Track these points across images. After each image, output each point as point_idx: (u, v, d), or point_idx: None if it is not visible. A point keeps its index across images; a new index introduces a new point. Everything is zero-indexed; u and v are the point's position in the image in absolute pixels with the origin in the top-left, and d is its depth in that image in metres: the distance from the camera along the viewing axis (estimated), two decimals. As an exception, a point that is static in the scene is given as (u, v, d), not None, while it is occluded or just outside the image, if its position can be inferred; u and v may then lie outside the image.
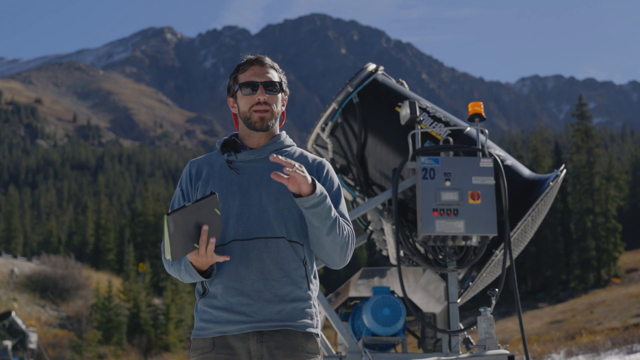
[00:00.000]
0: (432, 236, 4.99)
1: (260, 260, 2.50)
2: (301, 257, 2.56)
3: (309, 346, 2.53)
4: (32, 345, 20.58)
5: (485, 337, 4.61)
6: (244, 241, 2.52)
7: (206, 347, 2.53)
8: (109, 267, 58.44)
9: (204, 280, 2.54)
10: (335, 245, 2.52)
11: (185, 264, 2.49)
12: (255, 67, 2.65)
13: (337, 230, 2.49)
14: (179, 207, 2.30)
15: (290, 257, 2.53)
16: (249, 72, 2.65)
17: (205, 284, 2.57)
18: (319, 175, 2.63)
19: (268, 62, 2.67)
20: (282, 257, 2.52)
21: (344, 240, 2.53)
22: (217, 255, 2.41)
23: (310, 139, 5.90)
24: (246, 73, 2.65)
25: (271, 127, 2.64)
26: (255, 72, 2.64)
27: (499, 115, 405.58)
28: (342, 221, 2.54)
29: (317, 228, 2.48)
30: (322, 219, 2.45)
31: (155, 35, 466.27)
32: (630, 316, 30.92)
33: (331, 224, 2.47)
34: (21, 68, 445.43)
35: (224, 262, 2.52)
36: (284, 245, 2.52)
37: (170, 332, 41.72)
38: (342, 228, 2.51)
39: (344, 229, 2.52)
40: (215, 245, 2.52)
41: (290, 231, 2.55)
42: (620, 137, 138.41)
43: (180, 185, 2.69)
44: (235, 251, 2.52)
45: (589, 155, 49.90)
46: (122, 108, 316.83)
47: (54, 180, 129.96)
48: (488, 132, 5.26)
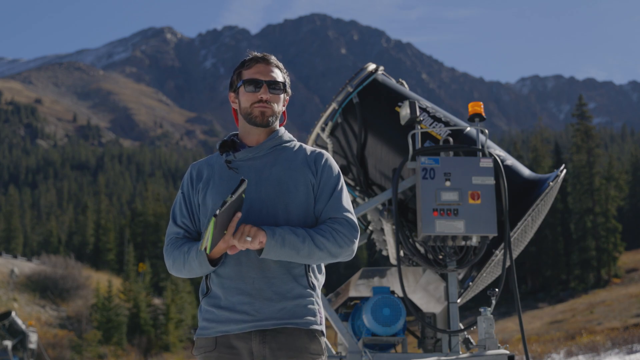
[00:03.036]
0: (432, 236, 4.99)
1: (261, 259, 2.50)
2: None
3: (312, 347, 2.52)
4: (32, 345, 20.58)
5: (485, 337, 4.61)
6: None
7: (209, 346, 2.53)
8: (109, 267, 58.44)
9: (212, 269, 2.51)
10: (320, 260, 2.52)
11: (197, 250, 2.48)
12: (261, 64, 2.65)
13: (318, 251, 2.47)
14: (221, 203, 2.32)
15: None
16: (254, 69, 2.64)
17: (209, 283, 2.57)
18: (317, 166, 2.61)
19: (273, 61, 2.66)
20: None
21: (327, 251, 2.49)
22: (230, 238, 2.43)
23: (310, 139, 5.90)
24: (251, 70, 2.64)
25: (271, 123, 2.63)
26: (259, 70, 2.63)
27: (499, 115, 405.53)
28: (322, 231, 2.49)
29: (293, 261, 2.50)
30: (292, 258, 2.46)
31: (155, 35, 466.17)
32: (630, 316, 30.91)
33: (307, 254, 2.46)
34: (21, 68, 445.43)
35: (225, 262, 2.52)
36: None
37: (170, 332, 41.72)
38: (321, 244, 2.46)
39: (323, 243, 2.47)
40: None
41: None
42: (620, 137, 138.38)
43: (182, 188, 2.69)
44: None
45: (589, 155, 49.90)
46: (122, 108, 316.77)
47: (54, 180, 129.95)
48: (488, 132, 5.26)
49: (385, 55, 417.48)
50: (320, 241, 2.47)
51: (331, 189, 2.59)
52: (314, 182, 2.59)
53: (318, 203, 2.57)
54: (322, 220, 2.56)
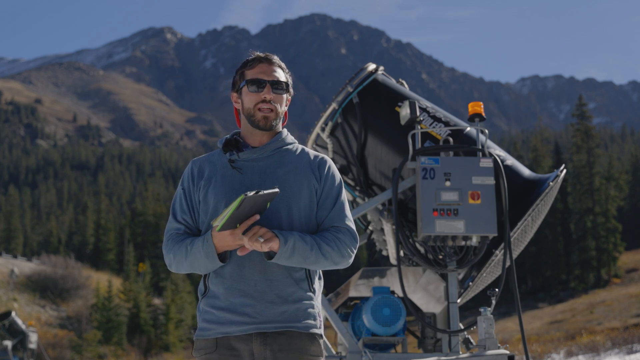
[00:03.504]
0: (432, 236, 4.99)
1: (264, 261, 2.50)
2: None
3: (312, 348, 2.53)
4: (32, 345, 20.58)
5: (485, 337, 4.61)
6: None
7: (209, 347, 2.52)
8: (109, 267, 58.44)
9: (218, 263, 2.49)
10: (324, 267, 2.54)
11: (205, 239, 2.46)
12: (264, 64, 2.64)
13: (322, 259, 2.49)
14: (256, 190, 2.31)
15: None
16: (257, 69, 2.64)
17: (208, 282, 2.57)
18: (321, 173, 2.62)
19: (276, 61, 2.66)
20: None
21: (332, 260, 2.52)
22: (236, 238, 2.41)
23: (310, 139, 5.90)
24: (254, 70, 2.64)
25: (274, 126, 2.63)
26: (263, 70, 2.63)
27: (499, 115, 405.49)
28: (327, 239, 2.51)
29: (300, 267, 2.52)
30: (300, 264, 2.48)
31: (155, 35, 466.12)
32: (630, 316, 30.91)
33: (313, 261, 2.49)
34: (21, 68, 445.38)
35: (228, 263, 2.52)
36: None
37: (170, 332, 41.72)
38: (326, 253, 2.49)
39: (329, 252, 2.50)
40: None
41: (294, 231, 2.53)
42: (620, 137, 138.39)
43: (182, 184, 2.67)
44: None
45: (589, 155, 49.89)
46: (122, 108, 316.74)
47: (54, 180, 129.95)
48: (488, 132, 5.25)
49: (385, 55, 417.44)
50: (327, 250, 2.50)
51: (335, 197, 2.61)
52: (317, 187, 2.60)
53: (321, 210, 2.59)
54: (325, 228, 2.57)
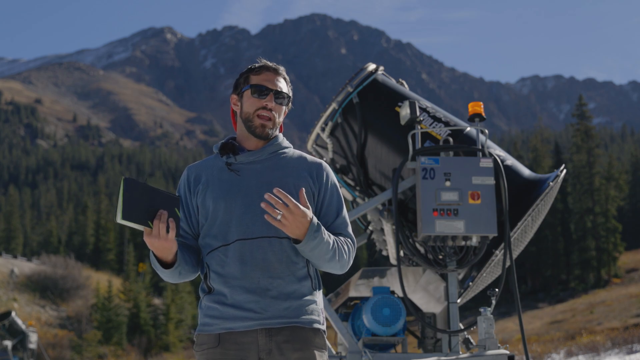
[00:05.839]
0: (432, 236, 4.99)
1: (266, 259, 2.51)
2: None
3: (316, 340, 2.54)
4: (32, 345, 20.58)
5: (485, 337, 4.61)
6: (247, 240, 2.52)
7: (211, 342, 2.53)
8: (109, 267, 58.47)
9: (164, 270, 2.49)
10: (334, 267, 2.57)
11: (151, 256, 2.51)
12: (270, 73, 2.67)
13: (337, 258, 2.52)
14: (141, 178, 2.31)
15: (294, 256, 2.54)
16: (263, 76, 2.66)
17: (210, 283, 2.57)
18: (319, 177, 2.64)
19: (282, 73, 2.70)
20: (286, 255, 2.53)
21: (343, 262, 2.56)
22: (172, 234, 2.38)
23: (310, 139, 5.90)
24: (260, 76, 2.66)
25: (270, 136, 2.66)
26: (268, 78, 2.65)
27: (499, 115, 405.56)
28: (341, 241, 2.55)
29: (316, 262, 2.54)
30: (320, 257, 2.50)
31: (155, 35, 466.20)
32: (630, 316, 30.90)
33: (330, 258, 2.51)
34: (21, 68, 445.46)
35: (230, 261, 2.53)
36: (288, 245, 2.53)
37: (170, 332, 41.75)
38: (341, 253, 2.54)
39: (344, 253, 2.54)
40: (218, 246, 2.55)
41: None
42: (620, 137, 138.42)
43: (178, 191, 2.69)
44: (239, 250, 2.52)
45: (589, 155, 49.90)
46: (122, 108, 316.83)
47: (54, 180, 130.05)
48: (488, 132, 5.25)
49: (385, 55, 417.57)
50: (341, 250, 2.54)
51: (337, 205, 2.65)
52: (314, 190, 2.62)
53: (325, 217, 2.62)
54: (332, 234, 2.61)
